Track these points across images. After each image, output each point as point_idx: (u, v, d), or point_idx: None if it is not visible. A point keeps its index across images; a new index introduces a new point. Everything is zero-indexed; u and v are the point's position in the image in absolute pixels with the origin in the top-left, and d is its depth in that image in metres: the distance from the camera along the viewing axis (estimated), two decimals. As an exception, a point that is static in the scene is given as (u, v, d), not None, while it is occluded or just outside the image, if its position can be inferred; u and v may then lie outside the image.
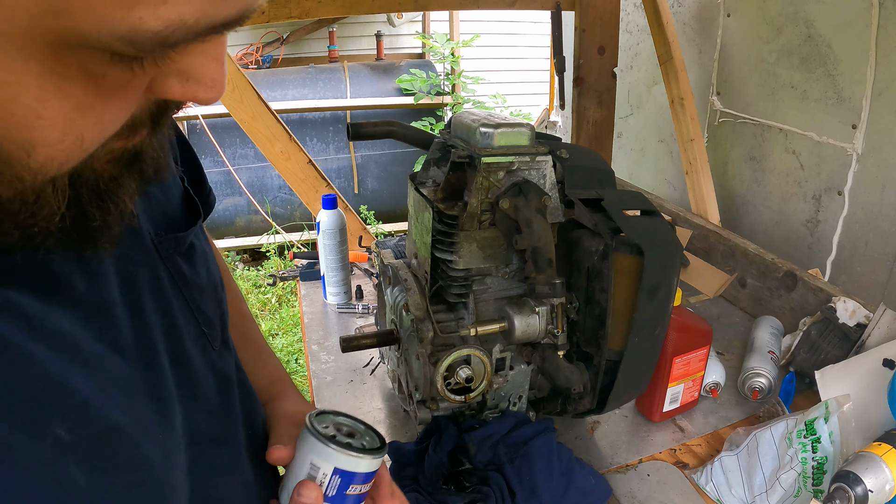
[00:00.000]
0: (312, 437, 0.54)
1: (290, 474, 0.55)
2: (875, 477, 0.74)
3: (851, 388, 0.95)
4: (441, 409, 0.94)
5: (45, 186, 0.30)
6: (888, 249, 1.49)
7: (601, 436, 1.04)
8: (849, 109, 1.53)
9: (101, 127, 0.30)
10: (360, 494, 0.56)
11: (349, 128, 0.96)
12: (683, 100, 1.82)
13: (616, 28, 1.90)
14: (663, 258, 0.79)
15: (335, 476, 0.54)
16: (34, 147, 0.28)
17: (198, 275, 0.50)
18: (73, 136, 0.29)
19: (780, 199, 1.80)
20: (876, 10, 1.40)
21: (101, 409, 0.35)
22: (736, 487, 0.90)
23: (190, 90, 0.31)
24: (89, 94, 0.28)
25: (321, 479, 0.54)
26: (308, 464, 0.54)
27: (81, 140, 0.29)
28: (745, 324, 1.40)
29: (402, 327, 0.96)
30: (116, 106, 0.30)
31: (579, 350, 0.90)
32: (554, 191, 0.87)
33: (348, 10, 1.76)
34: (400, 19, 5.41)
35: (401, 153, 4.40)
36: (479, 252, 0.88)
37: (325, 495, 0.54)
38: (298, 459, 0.55)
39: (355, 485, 0.55)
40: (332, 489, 0.54)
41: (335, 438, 0.55)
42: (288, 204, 4.26)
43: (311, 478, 0.54)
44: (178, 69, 0.30)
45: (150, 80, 0.31)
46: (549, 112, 3.35)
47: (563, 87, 2.04)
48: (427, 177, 0.94)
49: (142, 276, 0.43)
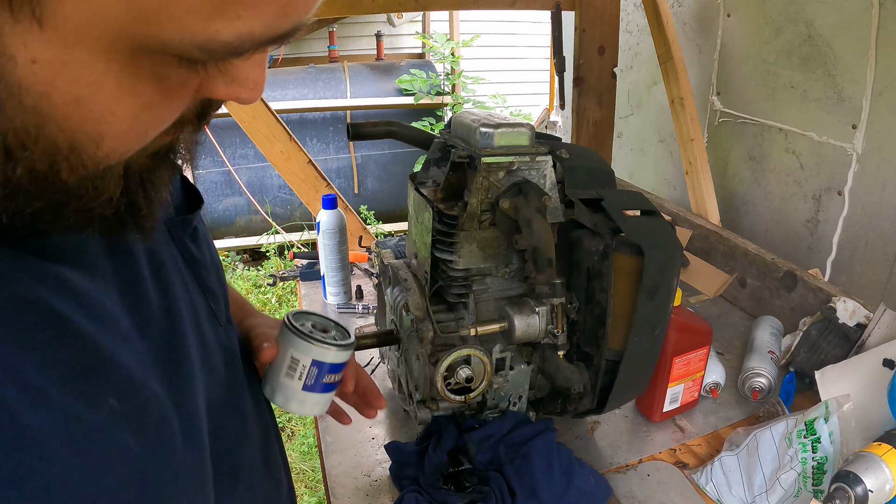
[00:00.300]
0: (292, 334, 0.61)
1: (272, 368, 0.63)
2: (875, 477, 0.74)
3: (851, 388, 0.95)
4: (441, 409, 0.94)
5: (105, 175, 0.33)
6: (888, 249, 1.49)
7: (601, 436, 1.04)
8: (849, 109, 1.53)
9: (160, 123, 0.34)
10: (333, 383, 0.65)
11: (349, 128, 0.96)
12: (683, 100, 1.82)
13: (616, 28, 1.90)
14: (663, 258, 0.79)
15: (313, 367, 0.62)
16: (103, 139, 0.31)
17: (203, 255, 0.54)
18: (137, 131, 0.32)
19: (780, 199, 1.80)
20: (876, 10, 1.40)
21: (142, 380, 0.38)
22: (736, 487, 0.90)
23: (234, 91, 0.34)
24: (155, 93, 0.31)
25: (300, 371, 0.62)
26: (289, 357, 0.62)
27: (144, 134, 0.33)
28: (745, 324, 1.40)
29: (402, 327, 0.96)
30: (175, 104, 0.33)
31: (579, 350, 0.90)
32: (554, 191, 0.87)
33: (348, 10, 1.76)
34: (400, 19, 5.41)
35: (401, 153, 4.40)
36: (479, 252, 0.88)
37: (304, 384, 0.62)
38: (279, 355, 0.62)
39: (330, 374, 0.64)
40: (309, 379, 0.62)
41: (311, 334, 0.62)
42: (288, 204, 4.26)
43: (291, 370, 0.62)
44: (226, 72, 0.33)
45: (200, 81, 0.34)
46: (549, 112, 3.35)
47: (563, 87, 2.04)
48: (427, 177, 0.94)
49: (165, 255, 0.47)
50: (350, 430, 1.05)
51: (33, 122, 0.29)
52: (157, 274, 0.45)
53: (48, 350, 0.33)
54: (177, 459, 0.40)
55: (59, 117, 0.29)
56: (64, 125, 0.29)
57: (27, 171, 0.30)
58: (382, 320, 1.12)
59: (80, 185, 0.32)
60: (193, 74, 0.31)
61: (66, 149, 0.30)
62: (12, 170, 0.30)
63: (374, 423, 1.07)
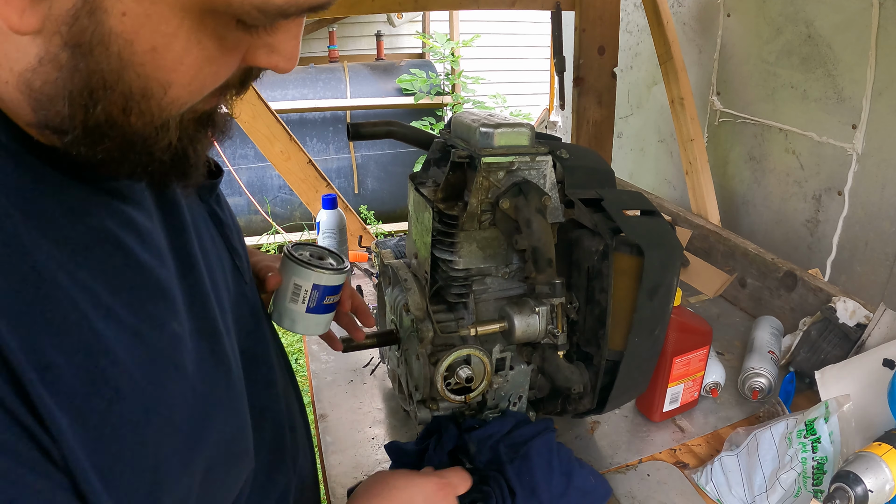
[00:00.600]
0: (293, 263, 0.69)
1: (277, 296, 0.70)
2: (875, 477, 0.74)
3: (851, 388, 0.95)
4: (441, 409, 0.94)
5: (165, 124, 0.38)
6: (888, 249, 1.49)
7: (601, 436, 1.04)
8: (849, 109, 1.53)
9: (215, 77, 0.38)
10: (332, 304, 0.73)
11: (349, 128, 0.96)
12: (683, 100, 1.82)
13: (616, 28, 1.90)
14: (663, 258, 0.79)
15: (314, 291, 0.70)
16: (170, 86, 0.36)
17: (227, 217, 0.60)
18: (199, 82, 0.37)
19: (780, 199, 1.80)
20: (876, 10, 1.40)
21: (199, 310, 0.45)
22: (736, 487, 0.90)
23: (273, 60, 0.40)
24: (216, 49, 0.36)
25: (303, 295, 0.70)
26: (292, 284, 0.69)
27: (202, 86, 0.38)
28: (745, 324, 1.40)
29: (402, 327, 0.96)
30: (229, 63, 0.38)
31: (579, 350, 0.90)
32: (554, 191, 0.87)
33: (348, 10, 1.76)
34: (400, 19, 5.40)
35: (401, 153, 4.40)
36: (479, 252, 0.88)
37: (307, 307, 0.70)
38: (283, 283, 0.70)
39: (329, 296, 0.72)
40: (311, 301, 0.70)
41: (310, 262, 0.70)
42: (288, 204, 4.26)
43: (295, 295, 0.70)
44: (267, 42, 0.39)
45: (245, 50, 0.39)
46: (549, 112, 3.35)
47: (563, 87, 2.04)
48: (427, 177, 0.94)
49: (198, 214, 0.54)
50: (350, 430, 1.05)
51: (116, 66, 0.34)
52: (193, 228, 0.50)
53: (117, 276, 0.38)
54: (222, 386, 0.46)
55: (137, 63, 0.34)
56: (140, 71, 0.34)
57: (105, 113, 0.35)
58: (382, 320, 1.12)
59: (145, 131, 0.37)
60: (245, 37, 0.37)
61: (138, 94, 0.35)
62: (93, 109, 0.35)
63: (374, 423, 1.07)
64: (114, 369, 0.35)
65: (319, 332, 0.74)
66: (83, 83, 0.34)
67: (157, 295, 0.41)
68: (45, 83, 0.34)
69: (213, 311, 0.48)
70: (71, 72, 0.33)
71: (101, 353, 0.35)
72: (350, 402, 1.13)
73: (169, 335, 0.41)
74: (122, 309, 0.37)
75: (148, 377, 0.38)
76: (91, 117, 0.35)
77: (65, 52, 0.33)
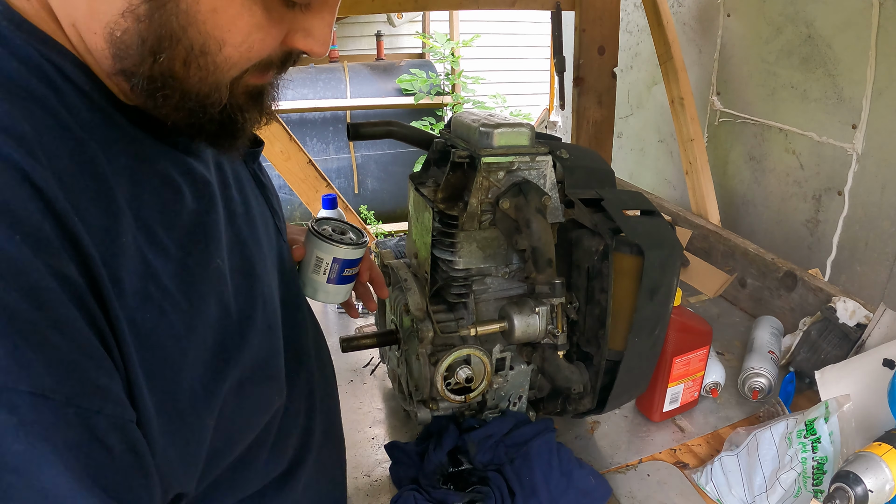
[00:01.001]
0: (315, 237, 0.76)
1: (301, 267, 0.77)
2: (875, 477, 0.74)
3: (851, 388, 0.95)
4: (441, 409, 0.94)
5: (218, 84, 0.44)
6: (888, 249, 1.49)
7: (601, 436, 1.04)
8: (849, 109, 1.53)
9: (262, 45, 0.43)
10: (352, 275, 0.80)
11: (349, 128, 0.96)
12: (683, 100, 1.82)
13: (616, 28, 1.90)
14: (663, 258, 0.79)
15: (334, 264, 0.77)
16: (224, 45, 0.42)
17: (268, 181, 0.68)
18: (248, 45, 0.43)
19: (780, 199, 1.80)
20: (876, 10, 1.40)
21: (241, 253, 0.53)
22: (736, 487, 0.90)
23: (309, 44, 0.46)
24: (263, 17, 0.42)
25: (325, 267, 0.77)
26: (314, 257, 0.76)
27: (251, 49, 0.43)
28: (745, 324, 1.40)
29: (402, 327, 0.96)
30: (273, 35, 0.44)
31: (579, 350, 0.90)
32: (554, 191, 0.87)
33: (348, 10, 1.76)
34: (400, 19, 5.40)
35: (401, 153, 4.40)
36: (479, 252, 0.88)
37: (328, 278, 0.77)
38: (307, 255, 0.77)
39: (348, 268, 0.78)
40: (332, 273, 0.77)
41: (332, 237, 0.76)
42: (288, 204, 4.25)
43: (317, 267, 0.77)
44: (304, 27, 0.45)
45: (287, 30, 0.45)
46: (549, 112, 3.35)
47: (563, 87, 2.04)
48: (427, 177, 0.94)
49: (243, 173, 0.62)
50: (350, 431, 1.05)
51: (183, 21, 0.40)
52: (239, 185, 0.58)
53: (172, 217, 0.45)
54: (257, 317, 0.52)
55: (200, 21, 0.40)
56: (202, 28, 0.40)
57: (168, 62, 0.41)
58: (382, 320, 1.12)
59: (200, 87, 0.43)
60: (288, 14, 0.43)
61: (198, 49, 0.41)
62: (160, 57, 0.41)
63: (374, 423, 1.07)
64: (159, 293, 0.42)
65: (339, 300, 0.81)
66: (155, 34, 0.40)
67: (204, 236, 0.48)
68: (125, 32, 0.40)
69: (252, 255, 0.55)
70: (146, 23, 0.39)
71: (149, 277, 0.42)
72: (350, 402, 1.13)
73: (213, 269, 0.48)
74: (173, 244, 0.45)
75: (189, 301, 0.44)
76: (156, 65, 0.41)
77: (143, 5, 0.39)
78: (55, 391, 0.34)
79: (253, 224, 0.58)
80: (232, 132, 0.48)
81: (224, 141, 0.49)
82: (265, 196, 0.66)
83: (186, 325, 0.44)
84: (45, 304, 0.34)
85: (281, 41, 0.45)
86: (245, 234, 0.56)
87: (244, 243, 0.55)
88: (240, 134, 0.49)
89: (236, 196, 0.57)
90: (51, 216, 0.36)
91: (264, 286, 0.55)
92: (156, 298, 0.42)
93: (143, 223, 0.43)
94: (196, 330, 0.45)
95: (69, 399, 0.35)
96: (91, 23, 0.41)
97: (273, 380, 0.56)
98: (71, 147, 0.39)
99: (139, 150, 0.45)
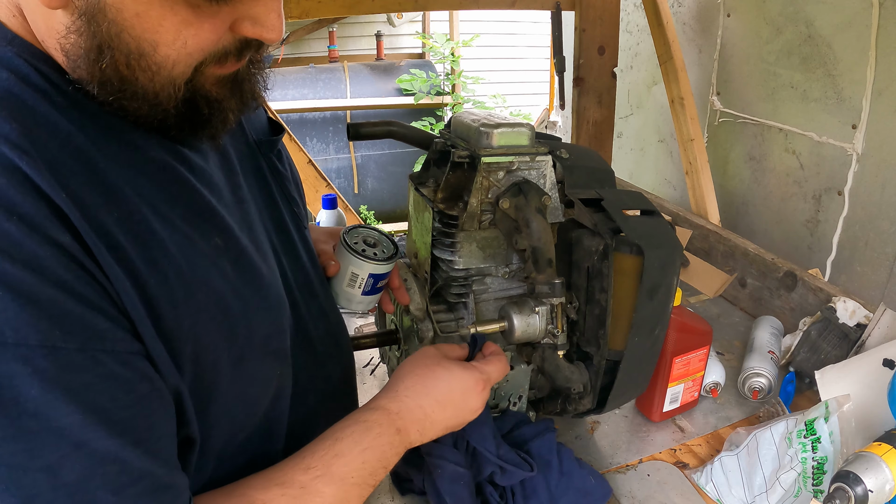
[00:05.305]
0: (349, 254, 0.79)
1: (337, 280, 0.81)
2: (875, 477, 0.74)
3: (851, 388, 0.95)
4: (441, 409, 0.94)
5: (167, 82, 0.47)
6: (888, 249, 1.49)
7: (601, 436, 1.04)
8: (849, 109, 1.53)
9: (196, 40, 0.45)
10: (384, 285, 0.85)
11: (349, 128, 0.96)
12: (683, 100, 1.82)
13: (616, 28, 1.91)
14: (663, 258, 0.79)
15: (369, 279, 0.81)
16: (158, 45, 0.44)
17: (286, 170, 0.71)
18: (181, 41, 0.45)
19: (780, 199, 1.80)
20: (876, 10, 1.40)
21: (238, 235, 0.56)
22: (736, 487, 0.90)
23: (257, 31, 0.47)
24: (189, 14, 0.44)
25: (360, 282, 0.80)
26: (349, 272, 0.80)
27: (185, 45, 0.45)
28: (745, 324, 1.40)
29: (402, 327, 0.96)
30: (209, 29, 0.45)
31: (579, 350, 0.90)
32: (554, 191, 0.87)
33: (348, 10, 1.76)
34: (400, 19, 5.40)
35: (401, 153, 4.40)
36: (479, 252, 0.88)
37: (363, 291, 0.82)
38: (341, 270, 0.80)
39: (381, 281, 0.83)
40: (367, 286, 0.82)
41: (364, 252, 0.80)
42: (288, 204, 4.25)
43: (352, 281, 0.80)
44: (250, 15, 0.47)
45: (233, 21, 0.47)
46: (549, 112, 3.35)
47: (563, 87, 2.04)
48: (427, 177, 0.94)
49: (247, 164, 0.65)
50: (350, 430, 1.05)
51: (114, 29, 0.43)
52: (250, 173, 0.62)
53: (174, 195, 0.50)
54: (260, 296, 0.56)
55: (128, 26, 0.43)
56: (132, 33, 0.43)
57: (112, 68, 0.45)
58: (382, 320, 1.12)
59: (149, 85, 0.46)
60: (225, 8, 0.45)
61: (135, 52, 0.44)
62: (102, 65, 0.44)
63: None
64: (165, 259, 0.47)
65: (370, 307, 0.86)
66: (94, 44, 0.43)
67: (207, 214, 0.53)
68: (73, 46, 0.44)
69: (258, 238, 0.59)
70: (85, 35, 0.43)
71: (156, 245, 0.47)
72: (350, 402, 1.13)
73: (213, 246, 0.52)
74: (178, 219, 0.49)
75: (192, 269, 0.49)
76: (103, 72, 0.45)
77: (81, 20, 0.43)
78: (63, 339, 0.39)
79: (261, 211, 0.63)
80: (200, 122, 0.51)
81: (197, 130, 0.52)
82: (281, 184, 0.69)
83: (187, 290, 0.48)
84: (45, 269, 0.39)
85: (226, 31, 0.47)
86: (250, 218, 0.60)
87: (250, 226, 0.59)
88: (211, 122, 0.52)
89: (239, 183, 0.60)
90: (44, 199, 0.40)
91: (266, 268, 0.58)
92: (159, 263, 0.46)
93: (146, 200, 0.47)
94: (195, 297, 0.49)
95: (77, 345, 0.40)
96: (49, 40, 0.45)
97: (275, 354, 0.59)
98: (60, 140, 0.44)
99: (129, 141, 0.49)
